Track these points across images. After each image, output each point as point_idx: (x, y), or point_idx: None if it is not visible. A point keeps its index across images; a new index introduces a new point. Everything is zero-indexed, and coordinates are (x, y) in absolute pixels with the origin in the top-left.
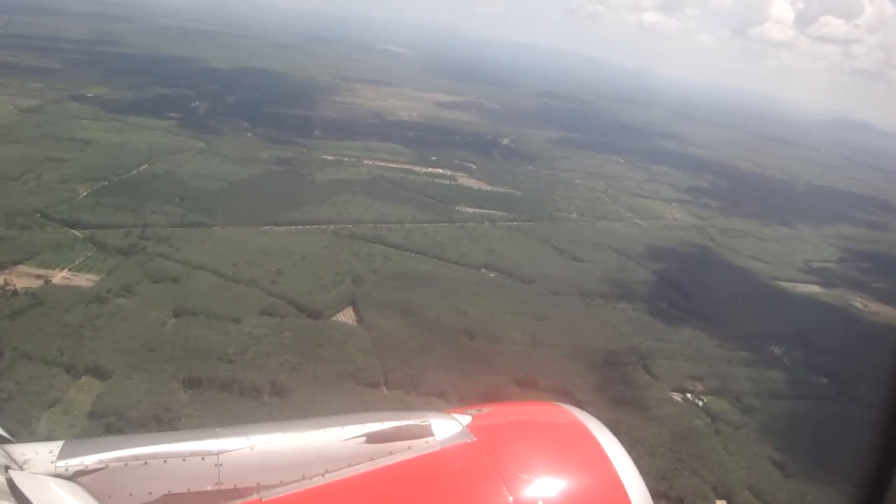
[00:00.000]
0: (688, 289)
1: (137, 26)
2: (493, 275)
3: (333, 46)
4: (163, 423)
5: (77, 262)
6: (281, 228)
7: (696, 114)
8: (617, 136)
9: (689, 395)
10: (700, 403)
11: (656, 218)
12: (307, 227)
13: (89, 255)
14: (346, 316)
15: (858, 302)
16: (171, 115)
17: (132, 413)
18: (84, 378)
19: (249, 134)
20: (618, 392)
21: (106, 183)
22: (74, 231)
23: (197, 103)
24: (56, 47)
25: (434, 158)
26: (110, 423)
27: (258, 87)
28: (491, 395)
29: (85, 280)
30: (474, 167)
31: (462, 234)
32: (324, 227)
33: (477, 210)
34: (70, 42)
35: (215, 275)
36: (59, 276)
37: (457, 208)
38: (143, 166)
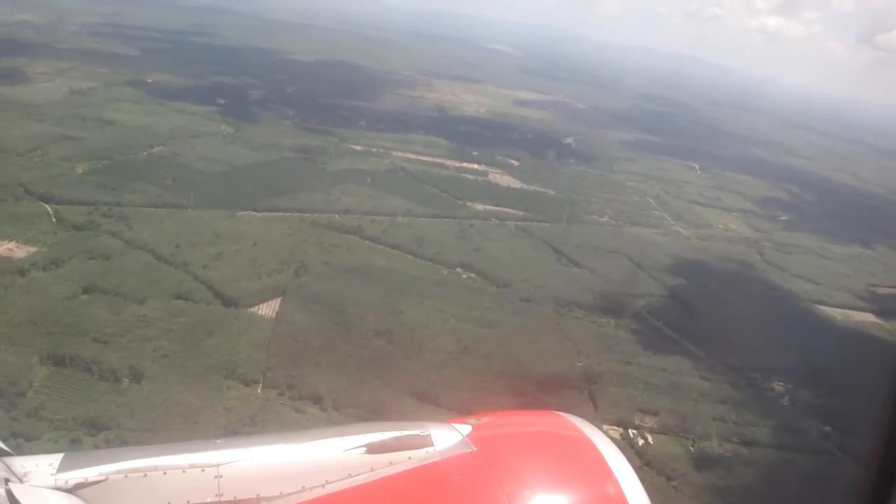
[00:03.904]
0: (698, 308)
1: (241, 20)
2: (465, 275)
3: (435, 43)
4: (4, 395)
5: (29, 235)
6: (258, 214)
7: (811, 124)
8: (705, 142)
9: (631, 432)
10: (641, 443)
11: (704, 227)
12: (287, 213)
13: (45, 228)
14: (269, 307)
15: None
16: (220, 101)
17: None
18: None
19: (289, 122)
20: None
21: (108, 162)
22: (46, 205)
23: (253, 92)
24: (146, 36)
25: (475, 153)
26: None
27: (327, 79)
28: (377, 407)
29: (24, 252)
30: (516, 164)
31: (455, 230)
32: (305, 214)
33: (490, 207)
34: (163, 32)
35: (152, 255)
36: (3, 248)
37: (468, 204)
38: (156, 148)
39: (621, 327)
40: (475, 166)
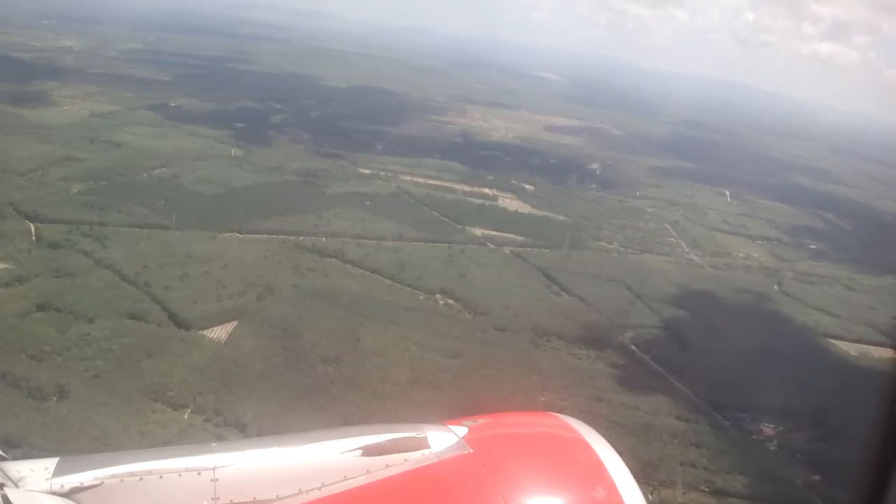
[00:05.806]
0: (692, 342)
1: (284, 47)
2: (443, 302)
3: (478, 70)
4: None
5: (3, 253)
6: (242, 236)
7: (862, 151)
8: (743, 168)
9: None
10: None
11: (721, 255)
12: (271, 236)
13: (22, 246)
14: (223, 330)
15: None
16: (237, 125)
17: None
18: None
19: (302, 146)
20: None
21: (105, 183)
22: (30, 224)
23: (275, 116)
24: (182, 62)
25: (490, 178)
26: None
27: (356, 104)
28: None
29: None
30: (531, 189)
31: (444, 255)
32: (290, 237)
33: (490, 233)
34: (201, 58)
35: (118, 275)
36: None
37: (466, 229)
38: (157, 169)
39: (601, 360)
40: (486, 191)
